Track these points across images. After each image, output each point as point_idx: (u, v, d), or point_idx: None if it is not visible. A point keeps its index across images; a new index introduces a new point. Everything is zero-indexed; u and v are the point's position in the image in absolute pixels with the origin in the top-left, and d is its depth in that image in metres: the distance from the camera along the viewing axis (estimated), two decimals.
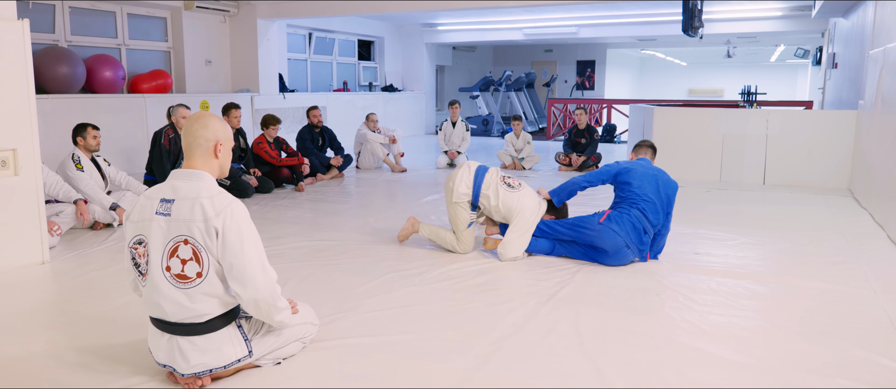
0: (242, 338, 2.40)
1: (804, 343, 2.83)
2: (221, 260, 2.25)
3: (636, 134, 9.01)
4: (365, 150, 8.56)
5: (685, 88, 23.72)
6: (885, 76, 5.41)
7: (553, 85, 19.00)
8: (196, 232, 2.22)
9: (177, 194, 2.28)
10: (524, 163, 8.70)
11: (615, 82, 20.38)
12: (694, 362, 2.63)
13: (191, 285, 2.25)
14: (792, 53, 17.62)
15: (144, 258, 2.30)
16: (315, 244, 4.54)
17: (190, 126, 2.36)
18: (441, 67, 16.44)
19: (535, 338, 2.87)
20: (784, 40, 15.18)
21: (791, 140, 7.21)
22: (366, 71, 13.69)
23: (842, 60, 8.96)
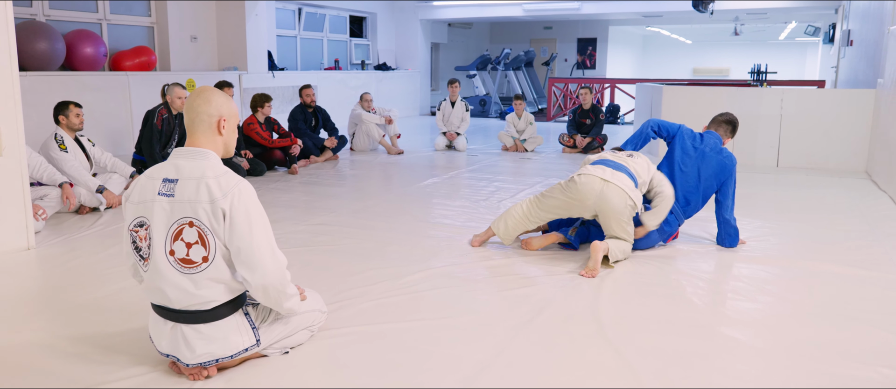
0: (250, 326, 2.37)
1: (835, 329, 2.83)
2: (229, 244, 2.21)
3: (643, 114, 8.99)
4: (360, 131, 8.51)
5: (690, 68, 23.70)
6: None
7: (553, 64, 18.94)
8: (202, 214, 2.18)
9: (180, 173, 2.24)
10: (526, 145, 8.67)
11: (617, 61, 20.33)
12: (721, 349, 2.62)
13: (196, 270, 2.22)
14: (802, 30, 17.61)
15: (146, 242, 2.26)
16: (313, 229, 4.51)
17: (192, 102, 2.31)
18: (436, 44, 16.34)
19: (554, 325, 2.85)
20: (795, 17, 15.16)
21: (806, 121, 7.21)
22: (358, 49, 13.58)
23: (858, 38, 8.95)
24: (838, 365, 2.48)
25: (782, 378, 2.39)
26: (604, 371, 2.43)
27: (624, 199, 3.65)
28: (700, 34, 21.59)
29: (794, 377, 2.39)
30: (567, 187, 3.80)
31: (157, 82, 8.08)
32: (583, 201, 3.72)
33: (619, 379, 2.37)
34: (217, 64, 9.83)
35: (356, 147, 8.56)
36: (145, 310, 2.92)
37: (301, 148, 7.12)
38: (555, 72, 19.42)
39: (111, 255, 3.86)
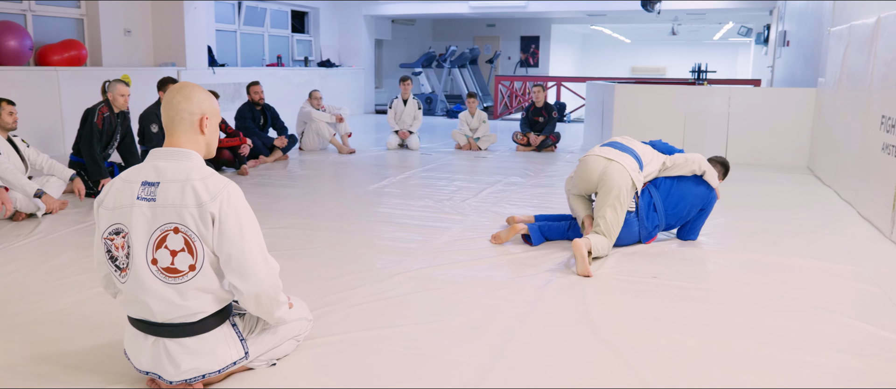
0: (238, 338, 2.25)
1: (819, 320, 2.92)
2: (218, 250, 2.09)
3: (595, 112, 9.14)
4: (309, 130, 8.32)
5: (628, 66, 24.33)
6: (851, 53, 5.67)
7: (496, 62, 19.09)
8: (188, 219, 2.05)
9: (161, 175, 2.10)
10: (480, 143, 8.69)
11: (559, 59, 20.67)
12: (715, 345, 2.66)
13: (182, 279, 2.08)
14: (735, 31, 18.34)
15: (124, 251, 2.11)
16: (277, 233, 4.36)
17: (171, 98, 2.18)
18: (380, 41, 16.18)
19: (545, 326, 2.84)
20: (733, 18, 15.76)
21: (752, 118, 7.48)
22: (300, 44, 13.31)
23: (795, 39, 9.36)
24: (827, 356, 2.56)
25: (785, 371, 2.44)
26: (605, 371, 2.43)
27: (624, 176, 3.80)
28: (639, 34, 22.19)
29: (793, 371, 2.45)
30: (577, 167, 4.02)
31: (89, 78, 7.68)
32: (588, 179, 3.91)
33: (622, 379, 2.37)
34: (153, 59, 9.43)
35: (305, 147, 8.37)
36: (110, 324, 2.77)
37: (251, 148, 6.90)
38: (498, 70, 19.58)
39: (60, 265, 3.62)
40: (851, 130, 5.43)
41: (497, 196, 5.64)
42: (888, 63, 4.56)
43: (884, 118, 4.57)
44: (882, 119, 4.60)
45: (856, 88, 5.41)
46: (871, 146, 4.82)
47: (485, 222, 4.74)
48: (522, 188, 6.03)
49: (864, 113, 5.07)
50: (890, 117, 4.43)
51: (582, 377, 2.39)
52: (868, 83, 5.03)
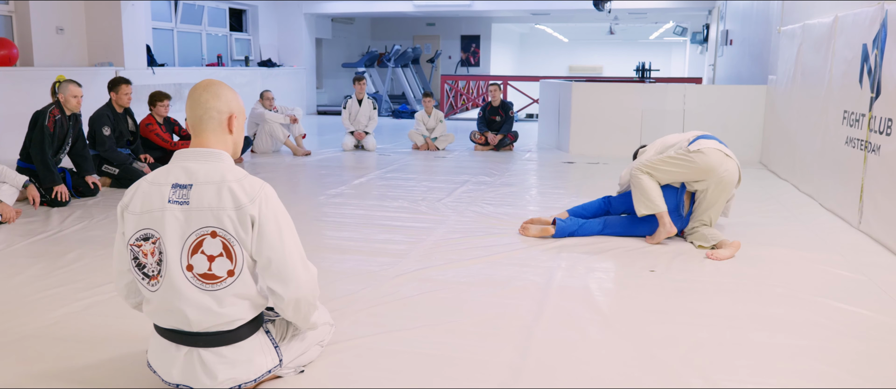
0: (272, 345, 2.20)
1: (820, 307, 3.08)
2: (257, 255, 2.04)
3: (550, 110, 9.32)
4: (262, 131, 8.15)
5: (566, 65, 24.88)
6: (806, 51, 6.01)
7: (437, 61, 19.19)
8: (227, 222, 1.99)
9: (193, 177, 2.03)
10: (437, 143, 8.72)
11: (499, 59, 20.96)
12: (731, 336, 2.78)
13: (220, 286, 2.02)
14: (671, 31, 19.06)
15: (154, 257, 2.03)
16: None
17: (199, 96, 2.11)
18: (320, 40, 15.99)
19: (560, 323, 2.89)
20: (673, 17, 16.36)
21: (706, 115, 7.81)
22: (239, 43, 13.00)
23: (740, 38, 9.82)
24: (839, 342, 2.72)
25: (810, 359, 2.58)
26: (635, 365, 2.50)
27: (737, 175, 4.08)
28: (577, 33, 22.74)
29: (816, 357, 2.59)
30: (688, 158, 4.01)
31: (21, 79, 7.29)
32: (707, 173, 3.98)
33: (658, 374, 2.44)
34: (88, 59, 9.01)
35: (257, 149, 8.19)
36: (110, 337, 2.66)
37: None
38: (439, 69, 19.67)
39: (33, 278, 3.43)
40: (810, 125, 5.75)
41: (471, 196, 5.68)
42: (849, 60, 4.86)
43: (846, 113, 4.86)
44: (845, 114, 4.89)
45: (813, 84, 5.73)
46: (833, 140, 5.12)
47: (467, 221, 4.77)
48: (493, 187, 6.10)
49: (824, 109, 5.38)
50: (853, 112, 4.72)
51: (616, 372, 2.45)
52: (827, 80, 5.35)
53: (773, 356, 2.59)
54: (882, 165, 4.17)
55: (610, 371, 2.44)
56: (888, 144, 4.12)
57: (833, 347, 2.67)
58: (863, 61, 4.60)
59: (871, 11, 4.50)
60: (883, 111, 4.22)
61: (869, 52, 4.51)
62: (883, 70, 4.24)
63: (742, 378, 2.39)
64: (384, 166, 7.31)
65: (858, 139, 4.60)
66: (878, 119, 4.28)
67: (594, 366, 2.48)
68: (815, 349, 2.65)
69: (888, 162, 4.08)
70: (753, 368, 2.48)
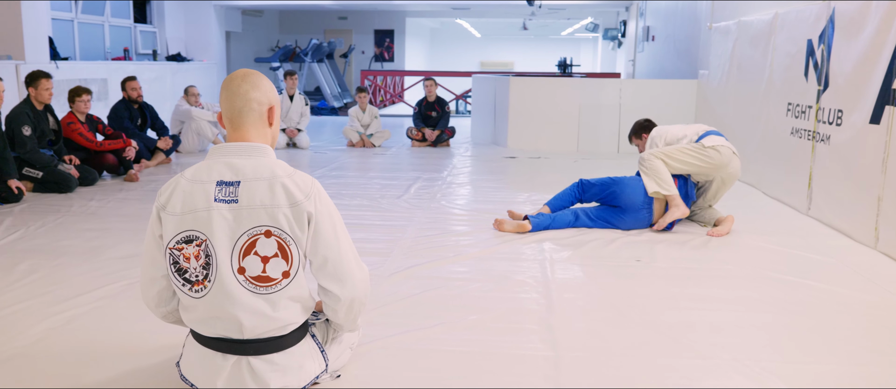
0: (318, 349, 2.14)
1: (812, 290, 3.32)
2: (312, 254, 1.97)
3: (485, 105, 9.44)
4: (188, 129, 7.80)
5: (477, 61, 25.25)
6: (742, 47, 6.41)
7: (351, 56, 19.00)
8: (282, 220, 1.92)
9: (240, 174, 1.94)
10: (373, 140, 8.64)
11: (413, 54, 21.00)
12: (735, 317, 2.94)
13: (274, 288, 1.94)
14: (582, 27, 19.74)
15: (199, 261, 1.92)
16: None
17: (237, 87, 2.01)
18: (230, 33, 15.43)
19: (575, 314, 2.96)
20: (591, 13, 16.94)
21: (641, 109, 8.14)
22: (144, 36, 12.33)
23: (663, 34, 10.32)
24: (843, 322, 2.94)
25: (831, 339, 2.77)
26: (667, 350, 2.60)
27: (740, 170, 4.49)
28: (489, 28, 23.12)
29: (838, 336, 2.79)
30: (705, 154, 4.31)
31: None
32: (719, 169, 4.34)
33: (685, 355, 2.55)
34: None
35: (183, 148, 7.82)
36: (110, 351, 2.51)
37: (137, 150, 6.33)
38: (352, 65, 19.49)
39: None
40: (749, 117, 6.14)
41: (428, 192, 5.69)
42: (792, 55, 5.23)
43: (791, 105, 5.23)
44: (789, 106, 5.26)
45: (751, 78, 6.12)
46: (776, 131, 5.49)
47: (435, 217, 4.78)
48: (447, 184, 6.12)
49: (765, 101, 5.76)
50: (799, 104, 5.08)
51: (651, 358, 2.54)
52: (767, 74, 5.73)
53: (788, 335, 2.76)
54: (833, 153, 4.52)
55: (646, 359, 2.53)
56: (838, 134, 4.47)
57: (837, 324, 2.88)
58: (808, 56, 4.97)
59: (816, 8, 4.86)
60: (832, 103, 4.57)
61: (814, 47, 4.87)
62: (831, 64, 4.60)
63: (769, 356, 2.54)
64: (324, 165, 7.18)
65: (805, 130, 4.96)
66: (827, 111, 4.63)
67: (624, 355, 2.56)
68: (824, 328, 2.85)
69: (840, 151, 4.42)
70: (776, 347, 2.64)
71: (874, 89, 4.02)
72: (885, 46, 3.93)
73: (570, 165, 7.28)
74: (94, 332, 2.69)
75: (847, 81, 4.37)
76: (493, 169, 7.06)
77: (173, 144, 7.06)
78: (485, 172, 6.93)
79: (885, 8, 3.95)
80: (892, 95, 3.83)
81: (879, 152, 3.95)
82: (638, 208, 4.35)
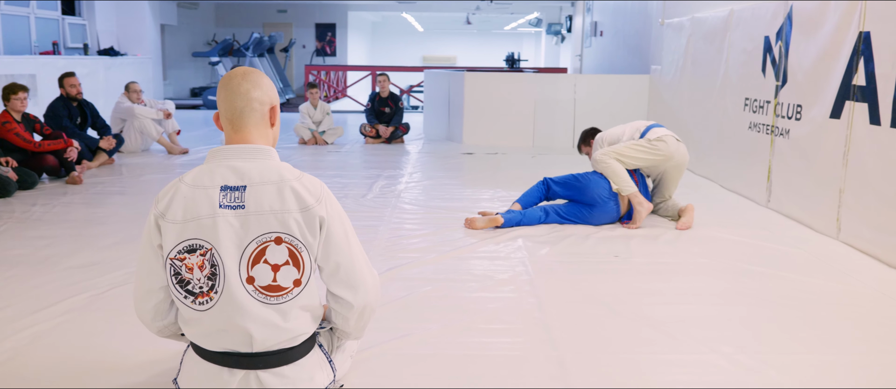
0: (326, 359, 2.07)
1: (782, 282, 3.43)
2: (323, 260, 1.91)
3: (438, 101, 9.42)
4: (130, 128, 7.49)
5: (419, 55, 25.20)
6: (696, 42, 6.58)
7: (292, 50, 18.67)
8: (293, 226, 1.85)
9: (246, 178, 1.86)
10: (326, 137, 8.50)
11: (355, 48, 20.79)
12: (723, 310, 3.02)
13: (286, 298, 1.87)
14: (525, 22, 19.94)
15: (204, 272, 1.83)
16: None
17: (238, 85, 1.93)
18: (164, 26, 14.92)
19: (571, 312, 2.98)
20: (537, 8, 17.11)
21: (596, 104, 8.29)
22: (74, 29, 11.78)
23: (612, 30, 10.51)
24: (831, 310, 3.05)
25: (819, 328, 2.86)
26: (666, 346, 2.64)
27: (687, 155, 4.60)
28: (432, 22, 23.10)
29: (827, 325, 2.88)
30: (653, 146, 4.43)
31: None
32: (669, 158, 4.45)
33: (684, 350, 2.60)
34: None
35: (125, 148, 7.50)
36: (90, 369, 2.39)
37: (79, 150, 6.04)
38: (293, 59, 19.16)
39: None
40: (704, 111, 6.31)
41: (392, 190, 5.63)
42: (749, 51, 5.40)
43: (748, 100, 5.40)
44: (746, 101, 5.43)
45: (706, 74, 6.29)
46: (733, 126, 5.66)
47: (406, 217, 4.73)
48: (411, 182, 6.07)
49: (720, 96, 5.93)
50: (757, 99, 5.25)
51: (651, 354, 2.57)
52: (722, 70, 5.90)
53: (779, 327, 2.85)
54: (793, 147, 4.69)
55: (650, 356, 2.56)
56: (798, 128, 4.64)
57: (821, 315, 2.99)
58: (765, 52, 5.13)
59: (773, 6, 5.03)
60: (791, 98, 4.74)
61: (772, 43, 5.04)
62: (789, 60, 4.76)
63: (766, 349, 2.61)
64: None
65: (764, 124, 5.13)
66: (786, 105, 4.80)
67: (635, 352, 2.59)
68: (811, 318, 2.95)
69: (800, 145, 4.59)
70: (771, 339, 2.71)
71: (834, 85, 4.18)
72: (844, 44, 4.10)
73: (528, 161, 7.33)
74: (68, 349, 2.55)
75: (806, 77, 4.54)
76: (453, 166, 7.05)
77: (117, 144, 6.76)
78: (445, 168, 6.91)
79: (843, 7, 4.12)
80: (853, 90, 4.00)
81: (840, 146, 4.11)
82: (605, 200, 4.40)
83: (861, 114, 3.92)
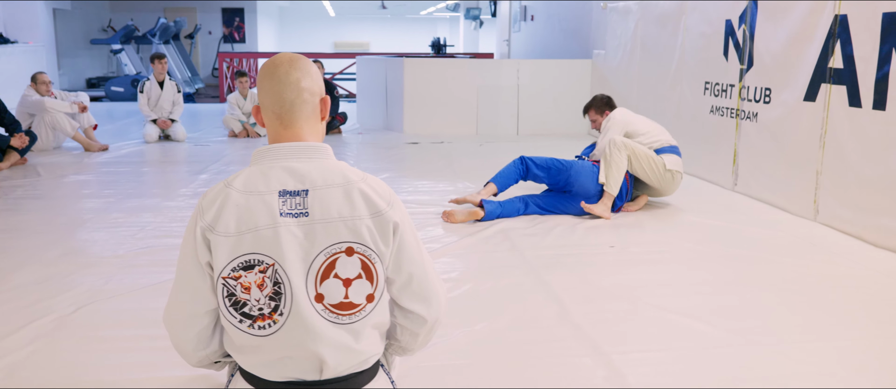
0: (390, 380, 1.88)
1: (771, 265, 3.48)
2: (395, 271, 1.72)
3: (374, 89, 9.17)
4: (40, 123, 6.85)
5: (330, 41, 24.67)
6: (646, 27, 6.67)
7: (197, 37, 17.83)
8: (366, 234, 1.65)
9: (307, 180, 1.65)
10: (258, 129, 8.10)
11: (264, 34, 20.09)
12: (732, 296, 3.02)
13: (358, 316, 1.67)
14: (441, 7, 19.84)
15: (263, 291, 1.61)
16: (137, 256, 3.60)
17: (286, 74, 1.70)
18: (57, 11, 13.83)
19: (579, 305, 2.90)
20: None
21: (539, 90, 8.29)
22: None
23: (545, 14, 10.55)
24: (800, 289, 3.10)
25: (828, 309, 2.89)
26: (696, 332, 2.60)
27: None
28: (344, 8, 22.61)
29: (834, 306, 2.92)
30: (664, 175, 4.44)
31: None
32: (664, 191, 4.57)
33: (731, 342, 2.56)
34: None
35: (36, 146, 6.85)
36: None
37: None
38: (198, 46, 18.30)
39: None
40: (659, 96, 6.40)
41: None
42: (708, 35, 5.50)
43: (709, 84, 5.51)
44: (707, 85, 5.54)
45: (659, 58, 6.38)
46: (692, 110, 5.77)
47: None
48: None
49: (677, 81, 6.03)
50: (719, 83, 5.36)
51: (704, 350, 2.52)
52: (678, 54, 5.99)
53: (804, 313, 2.87)
54: (762, 130, 4.80)
55: (696, 349, 2.51)
56: (768, 111, 4.75)
57: (832, 299, 3.04)
58: (727, 36, 5.24)
59: None
60: (758, 82, 4.85)
61: (734, 27, 5.14)
62: (755, 44, 4.87)
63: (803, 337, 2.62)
64: (211, 160, 6.59)
65: (728, 108, 5.24)
66: (753, 89, 4.91)
67: (685, 350, 2.53)
68: (823, 303, 3.00)
69: (770, 128, 4.71)
70: (803, 326, 2.73)
71: (808, 68, 4.30)
72: (818, 27, 4.21)
73: (476, 149, 7.24)
74: (51, 380, 2.22)
75: (775, 61, 4.65)
76: (400, 157, 6.86)
77: (29, 141, 6.16)
78: (394, 160, 6.72)
79: None
80: (829, 73, 4.12)
81: (816, 128, 4.24)
82: (591, 195, 4.36)
83: (838, 96, 4.04)
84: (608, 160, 4.32)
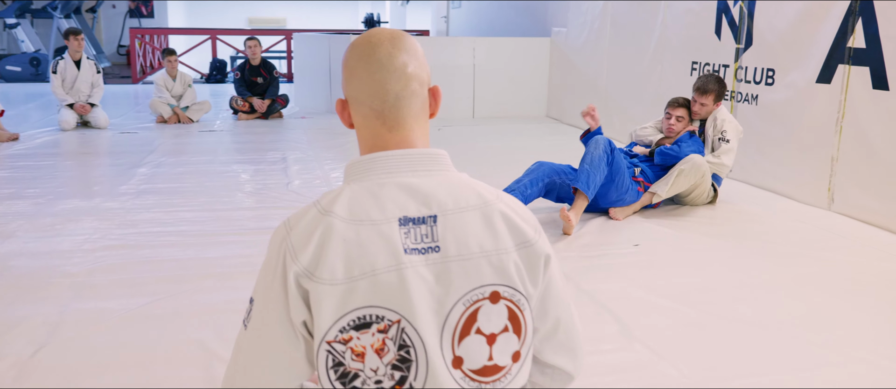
0: None
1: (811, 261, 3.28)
2: (540, 318, 1.33)
3: (314, 69, 8.59)
4: None
5: (244, 17, 23.50)
6: (616, 5, 6.42)
7: (99, 11, 16.54)
8: (513, 273, 1.24)
9: (433, 203, 1.22)
10: (190, 113, 7.40)
11: (174, 9, 18.92)
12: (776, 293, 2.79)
13: (502, 381, 1.27)
14: None
15: (384, 358, 1.18)
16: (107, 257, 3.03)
17: (388, 56, 1.26)
18: None
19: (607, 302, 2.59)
20: None
21: (495, 69, 7.94)
22: None
23: None
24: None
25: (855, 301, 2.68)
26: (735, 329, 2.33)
27: None
28: None
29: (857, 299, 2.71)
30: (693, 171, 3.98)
31: None
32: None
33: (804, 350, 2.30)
34: None
35: None
36: None
37: None
38: (101, 21, 17.01)
39: None
40: (635, 76, 6.16)
41: (318, 176, 4.90)
42: (696, 12, 5.28)
43: (697, 64, 5.30)
44: (694, 65, 5.33)
45: (634, 37, 6.14)
46: (678, 91, 5.52)
47: None
48: (327, 163, 5.36)
49: (657, 61, 5.81)
50: (710, 63, 5.16)
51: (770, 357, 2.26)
52: (658, 33, 5.76)
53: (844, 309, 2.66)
54: (765, 114, 4.62)
55: (765, 357, 2.23)
56: (771, 93, 4.57)
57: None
58: (720, 13, 5.03)
59: None
60: (759, 62, 4.67)
61: (729, 4, 4.94)
62: (755, 22, 4.67)
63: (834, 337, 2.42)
64: (146, 150, 5.89)
65: None
66: (753, 70, 4.72)
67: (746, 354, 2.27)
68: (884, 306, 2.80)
69: (775, 111, 4.53)
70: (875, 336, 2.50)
71: (822, 48, 4.12)
72: (835, 5, 4.02)
73: (435, 134, 6.82)
74: None
75: (780, 40, 4.46)
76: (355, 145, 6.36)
77: None
78: (351, 149, 6.22)
79: None
80: (848, 53, 3.95)
81: (832, 112, 4.07)
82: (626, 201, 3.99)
83: (859, 78, 3.88)
84: (688, 175, 3.93)
